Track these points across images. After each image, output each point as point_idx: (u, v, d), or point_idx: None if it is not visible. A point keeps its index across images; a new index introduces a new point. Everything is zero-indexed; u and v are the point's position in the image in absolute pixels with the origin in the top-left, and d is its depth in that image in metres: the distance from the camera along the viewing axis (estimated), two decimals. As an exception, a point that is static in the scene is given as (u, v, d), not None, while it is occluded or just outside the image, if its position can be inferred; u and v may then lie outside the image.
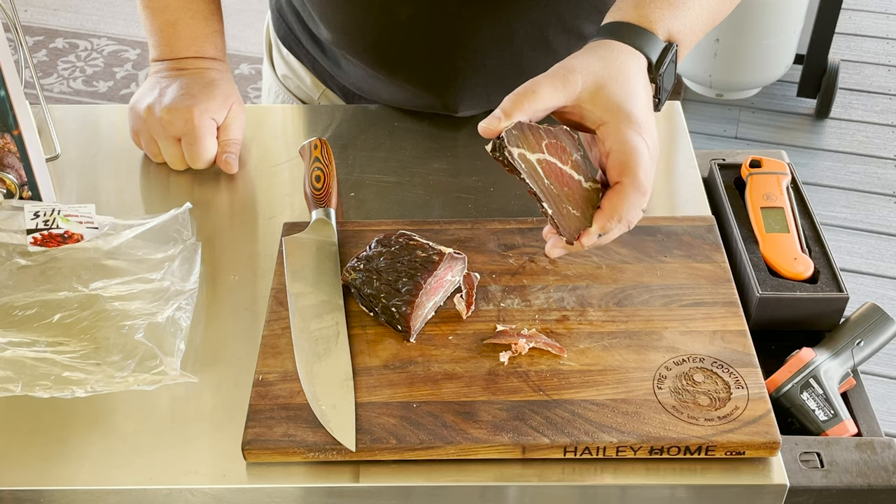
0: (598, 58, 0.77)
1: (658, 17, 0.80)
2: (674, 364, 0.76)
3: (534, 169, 0.74)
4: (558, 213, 0.75)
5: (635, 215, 0.77)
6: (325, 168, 0.94)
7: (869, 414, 0.80)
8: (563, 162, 0.76)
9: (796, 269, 0.86)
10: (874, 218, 2.51)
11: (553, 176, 0.75)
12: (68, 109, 1.13)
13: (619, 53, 0.78)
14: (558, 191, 0.75)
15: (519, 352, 0.77)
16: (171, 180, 1.01)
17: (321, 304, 0.82)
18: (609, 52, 0.78)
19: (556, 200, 0.75)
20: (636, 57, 0.78)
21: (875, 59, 3.07)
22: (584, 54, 0.78)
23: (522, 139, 0.74)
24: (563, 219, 0.75)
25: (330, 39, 1.06)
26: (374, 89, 1.09)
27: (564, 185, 0.75)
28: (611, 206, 0.76)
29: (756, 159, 0.97)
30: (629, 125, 0.75)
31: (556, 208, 0.75)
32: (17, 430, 0.76)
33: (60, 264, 0.87)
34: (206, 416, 0.77)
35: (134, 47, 3.22)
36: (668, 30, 0.80)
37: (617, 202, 0.75)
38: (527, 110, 0.74)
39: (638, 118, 0.76)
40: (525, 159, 0.73)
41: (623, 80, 0.76)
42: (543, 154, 0.75)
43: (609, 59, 0.77)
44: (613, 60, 0.77)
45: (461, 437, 0.71)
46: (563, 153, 0.76)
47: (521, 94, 0.74)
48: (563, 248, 0.77)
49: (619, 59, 0.78)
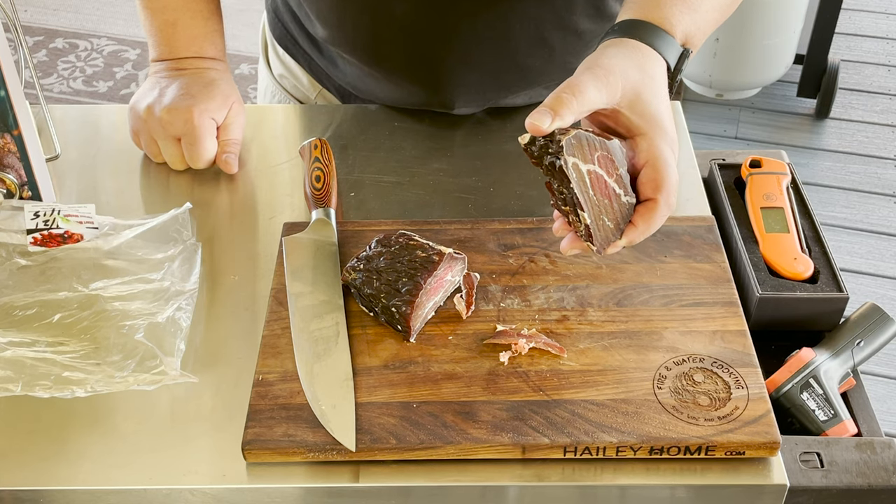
0: (630, 60, 0.77)
1: (677, 20, 0.79)
2: (674, 364, 0.76)
3: (583, 179, 0.74)
4: (594, 224, 0.75)
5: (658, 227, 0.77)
6: (325, 168, 0.94)
7: (869, 414, 0.80)
8: (609, 175, 0.75)
9: (796, 269, 0.86)
10: (874, 218, 2.51)
11: (598, 188, 0.75)
12: (68, 109, 1.13)
13: (646, 58, 0.77)
14: (599, 203, 0.75)
15: (519, 352, 0.77)
16: (171, 180, 1.01)
17: (321, 304, 0.82)
18: (637, 55, 0.77)
19: (596, 212, 0.75)
20: (659, 62, 0.78)
21: (875, 59, 3.07)
22: (615, 54, 0.77)
23: (578, 149, 0.73)
24: (599, 230, 0.75)
25: (325, 37, 1.06)
26: (370, 87, 1.09)
27: (606, 197, 0.75)
28: (643, 223, 0.76)
29: (756, 159, 0.97)
30: (664, 139, 0.75)
31: (595, 219, 0.75)
32: (17, 430, 0.76)
33: (60, 264, 0.87)
34: (206, 416, 0.77)
35: (134, 47, 3.22)
36: (685, 32, 0.80)
37: (649, 219, 0.76)
38: (575, 110, 0.73)
39: (669, 131, 0.76)
40: (577, 169, 0.73)
41: (656, 89, 0.76)
42: (594, 166, 0.74)
43: (640, 64, 0.77)
44: (644, 65, 0.77)
45: (461, 437, 0.71)
46: (611, 166, 0.75)
47: (567, 92, 0.73)
48: (582, 249, 0.77)
49: (647, 63, 0.77)
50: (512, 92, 1.07)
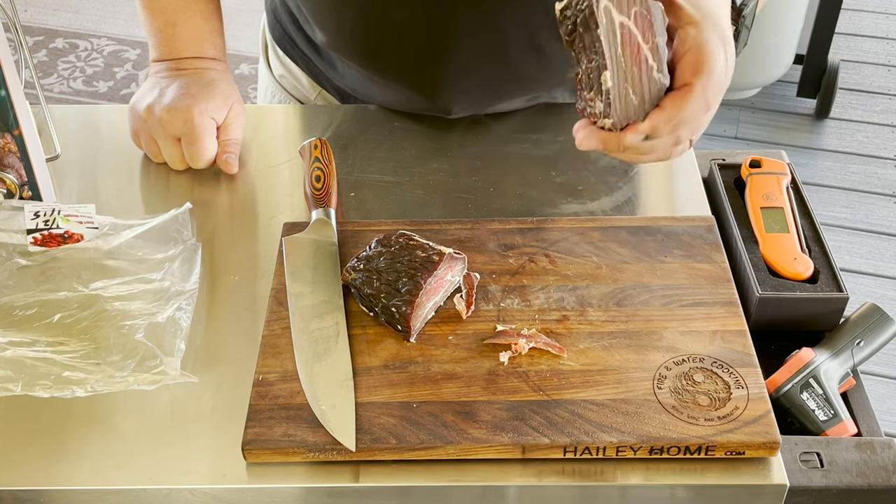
0: None
1: None
2: (674, 364, 0.76)
3: (612, 30, 0.67)
4: (616, 90, 0.68)
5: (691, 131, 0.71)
6: (325, 168, 0.94)
7: (869, 414, 0.80)
8: (645, 39, 0.68)
9: (796, 269, 0.86)
10: (874, 218, 2.51)
11: (628, 48, 0.67)
12: (68, 109, 1.13)
13: None
14: (626, 67, 0.68)
15: (519, 352, 0.77)
16: (171, 180, 1.01)
17: (321, 304, 0.82)
18: None
19: (621, 76, 0.67)
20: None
21: (875, 59, 3.07)
22: None
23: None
24: (620, 99, 0.68)
25: (324, 42, 1.06)
26: (369, 91, 1.09)
27: (636, 63, 0.68)
28: (673, 106, 0.69)
29: (756, 159, 0.97)
30: (716, 31, 0.70)
31: (617, 84, 0.67)
32: (17, 430, 0.76)
33: (60, 264, 0.87)
34: (206, 416, 0.77)
35: (134, 47, 3.22)
36: None
37: (680, 103, 0.69)
38: None
39: (725, 30, 0.71)
40: (609, 14, 0.66)
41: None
42: (629, 20, 0.67)
43: None
44: None
45: (461, 437, 0.71)
46: (648, 29, 0.68)
47: None
48: (598, 140, 0.71)
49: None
50: (508, 98, 1.07)
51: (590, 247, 0.87)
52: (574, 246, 0.87)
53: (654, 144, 0.72)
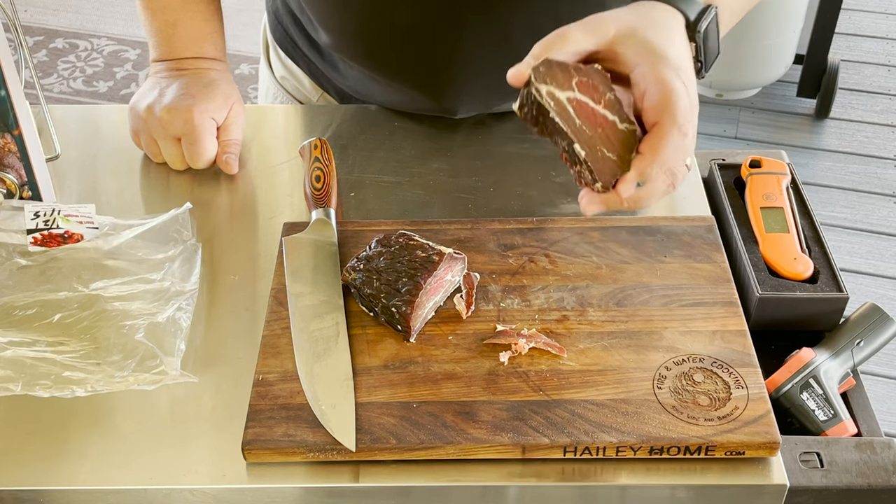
0: (632, 10, 0.74)
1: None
2: (674, 364, 0.76)
3: (563, 108, 0.68)
4: (592, 156, 0.69)
5: (678, 162, 0.71)
6: (325, 168, 0.94)
7: (869, 414, 0.80)
8: (596, 101, 0.70)
9: (796, 269, 0.86)
10: (874, 218, 2.51)
11: (585, 115, 0.69)
12: (68, 109, 1.13)
13: (653, 9, 0.75)
14: (591, 132, 0.69)
15: (519, 352, 0.77)
16: (171, 180, 1.01)
17: (321, 304, 0.82)
18: (643, 8, 0.75)
19: (590, 142, 0.69)
20: (672, 13, 0.75)
21: (875, 59, 3.07)
22: (617, 10, 0.75)
23: (550, 76, 0.69)
24: (598, 162, 0.69)
25: (328, 43, 1.06)
26: (372, 92, 1.09)
27: (598, 125, 0.69)
28: (650, 149, 0.70)
29: (756, 159, 0.97)
30: (665, 65, 0.71)
31: (590, 150, 0.68)
32: (17, 430, 0.76)
33: (60, 264, 0.87)
34: (206, 416, 0.77)
35: (134, 47, 3.22)
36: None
37: (656, 143, 0.69)
38: (557, 50, 0.70)
39: (674, 60, 0.71)
40: (554, 97, 0.68)
41: (659, 29, 0.73)
42: (574, 92, 0.69)
43: (643, 12, 0.74)
44: (648, 13, 0.74)
45: (461, 437, 0.71)
46: (595, 92, 0.70)
47: (550, 38, 0.71)
48: (601, 202, 0.72)
49: (654, 12, 0.74)
50: (513, 98, 1.07)
51: (590, 247, 0.87)
52: (574, 246, 0.87)
53: (652, 186, 0.73)
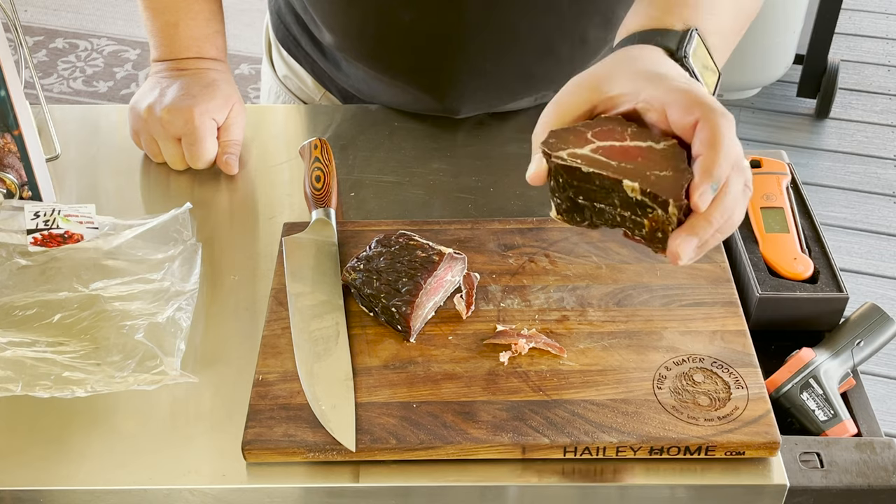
0: (611, 58, 0.75)
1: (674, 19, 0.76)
2: (674, 364, 0.76)
3: (593, 159, 0.66)
4: (646, 182, 0.65)
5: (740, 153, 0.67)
6: (325, 168, 0.94)
7: (869, 414, 0.80)
8: (621, 139, 0.68)
9: (796, 269, 0.86)
10: (874, 218, 2.51)
11: (618, 155, 0.66)
12: (68, 109, 1.13)
13: (630, 50, 0.75)
14: (633, 164, 0.66)
15: (519, 352, 0.77)
16: (171, 180, 1.01)
17: (321, 304, 0.82)
18: (621, 53, 0.75)
19: (636, 173, 0.66)
20: (652, 48, 0.75)
21: (875, 59, 3.07)
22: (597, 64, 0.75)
23: (564, 141, 0.67)
24: (656, 185, 0.65)
25: (332, 43, 1.06)
26: (375, 92, 1.09)
27: (636, 157, 0.67)
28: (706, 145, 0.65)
29: (756, 159, 0.97)
30: (670, 80, 0.70)
31: (641, 179, 0.65)
32: (17, 430, 0.76)
33: (60, 264, 0.87)
34: (206, 416, 0.77)
35: (134, 47, 3.22)
36: (685, 21, 0.76)
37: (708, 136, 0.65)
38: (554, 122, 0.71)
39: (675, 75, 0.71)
40: (577, 155, 0.66)
41: (646, 59, 0.73)
42: (595, 143, 0.67)
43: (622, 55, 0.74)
44: (628, 53, 0.74)
45: (461, 437, 0.71)
46: (615, 133, 0.68)
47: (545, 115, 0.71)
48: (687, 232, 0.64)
49: (632, 52, 0.74)
50: (517, 98, 1.07)
51: (590, 247, 0.87)
52: (574, 246, 0.87)
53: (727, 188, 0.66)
